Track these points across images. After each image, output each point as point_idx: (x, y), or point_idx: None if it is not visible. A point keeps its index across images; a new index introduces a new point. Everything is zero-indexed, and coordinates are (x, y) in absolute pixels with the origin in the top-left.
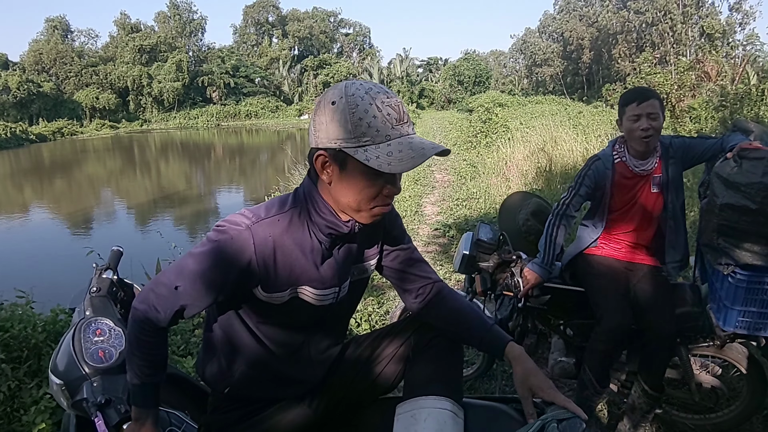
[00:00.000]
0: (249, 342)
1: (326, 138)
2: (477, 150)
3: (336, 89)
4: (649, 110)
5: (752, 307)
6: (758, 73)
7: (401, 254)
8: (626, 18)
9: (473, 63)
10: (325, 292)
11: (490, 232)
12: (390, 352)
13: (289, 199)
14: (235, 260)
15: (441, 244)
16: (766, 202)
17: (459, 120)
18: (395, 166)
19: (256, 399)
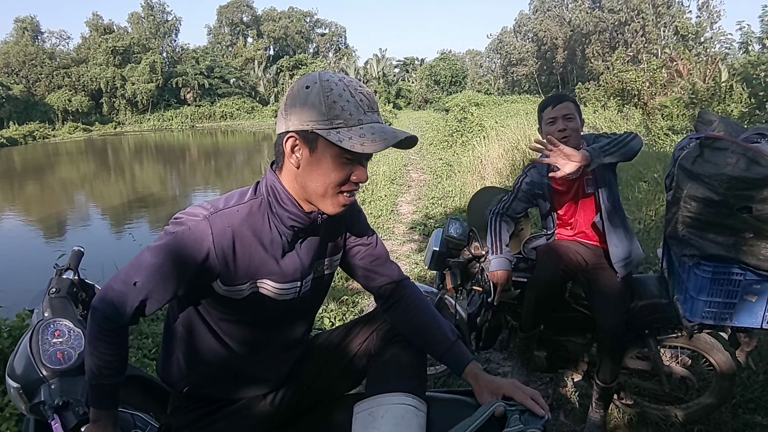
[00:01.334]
0: (209, 340)
1: (298, 120)
2: (453, 149)
3: (310, 76)
4: (564, 112)
5: (717, 297)
6: (729, 70)
7: (363, 250)
8: (600, 17)
9: (449, 63)
10: (286, 287)
11: (460, 228)
12: (354, 348)
13: (249, 190)
14: (193, 251)
15: (416, 242)
16: (729, 194)
17: (435, 120)
18: (368, 147)
19: (216, 398)
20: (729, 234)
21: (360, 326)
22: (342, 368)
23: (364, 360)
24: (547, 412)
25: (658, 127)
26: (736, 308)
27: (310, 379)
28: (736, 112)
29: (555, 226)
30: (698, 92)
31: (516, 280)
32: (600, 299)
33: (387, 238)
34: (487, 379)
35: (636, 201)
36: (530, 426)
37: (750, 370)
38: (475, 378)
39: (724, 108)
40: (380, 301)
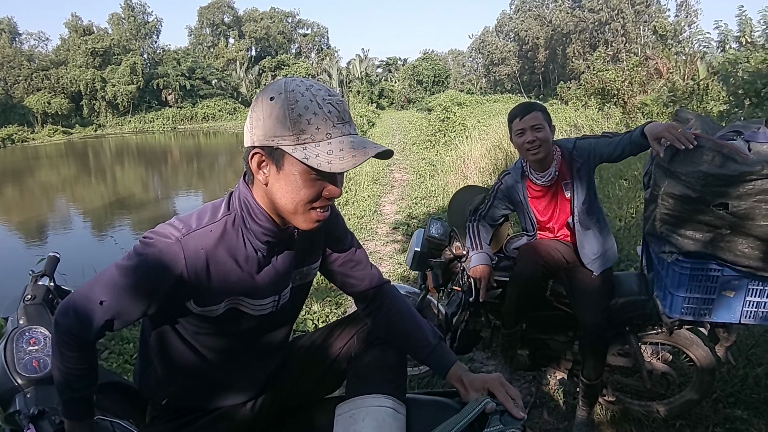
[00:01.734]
0: (185, 352)
1: (263, 135)
2: (436, 149)
3: (275, 85)
4: (532, 123)
5: (696, 293)
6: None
7: (342, 255)
8: (580, 17)
9: (432, 63)
10: (264, 302)
11: (441, 228)
12: (335, 350)
13: (222, 205)
14: (164, 275)
15: (400, 242)
16: (706, 191)
17: (418, 119)
18: (335, 165)
19: (195, 408)
20: (706, 230)
21: (340, 329)
22: (323, 371)
23: (344, 363)
24: (524, 414)
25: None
26: (715, 304)
27: (290, 383)
28: (715, 110)
29: (535, 229)
30: (678, 90)
31: (498, 279)
32: (580, 297)
33: (370, 239)
34: (472, 377)
35: (617, 199)
36: (510, 426)
37: (730, 365)
38: (459, 379)
39: (704, 106)
40: (361, 306)
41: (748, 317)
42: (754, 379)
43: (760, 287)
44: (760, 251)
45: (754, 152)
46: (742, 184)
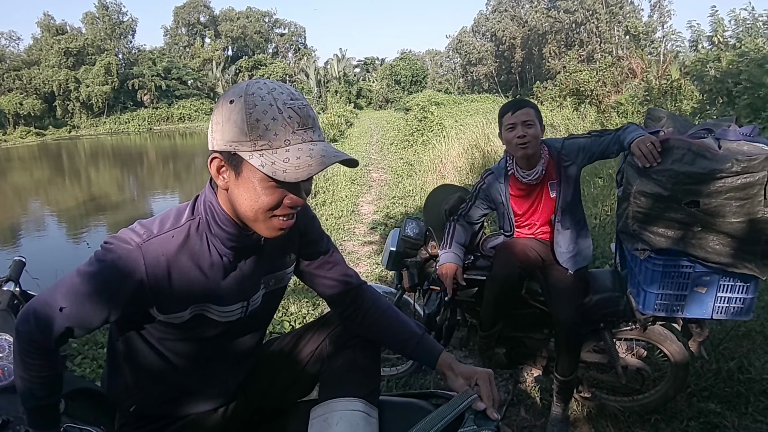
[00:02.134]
0: (153, 358)
1: (221, 140)
2: (414, 148)
3: (237, 87)
4: (524, 118)
5: (668, 290)
6: (680, 68)
7: (319, 259)
8: (556, 17)
9: (410, 63)
10: (231, 309)
11: (417, 227)
12: (307, 354)
13: (186, 210)
14: (124, 282)
15: (377, 242)
16: (677, 189)
17: (396, 119)
18: (290, 174)
19: (165, 415)
20: (678, 228)
21: (312, 331)
22: (295, 375)
23: (317, 366)
24: (498, 416)
25: (613, 125)
26: (687, 300)
27: (262, 387)
28: (688, 108)
29: (513, 228)
30: (652, 90)
31: (474, 278)
32: (555, 294)
33: (348, 239)
34: (462, 366)
35: (592, 197)
36: (484, 427)
37: (703, 359)
38: (450, 367)
39: (678, 105)
40: (339, 309)
41: (719, 312)
42: (727, 372)
43: (730, 283)
44: (730, 248)
45: (724, 150)
46: (712, 181)
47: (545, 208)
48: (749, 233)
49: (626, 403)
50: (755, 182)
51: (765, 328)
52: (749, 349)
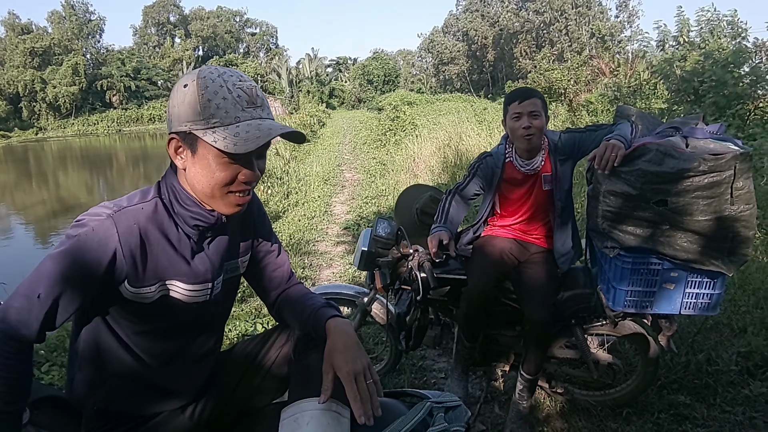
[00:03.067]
0: (118, 353)
1: (177, 121)
2: (386, 148)
3: (191, 73)
4: (531, 108)
5: (638, 286)
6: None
7: (266, 254)
8: (526, 18)
9: (382, 62)
10: (198, 288)
11: (388, 227)
12: (272, 355)
13: (151, 189)
14: (99, 253)
15: (350, 242)
16: (645, 188)
17: (369, 119)
18: (240, 146)
19: (130, 414)
20: (646, 226)
21: (277, 333)
22: (262, 377)
23: (284, 367)
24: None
25: (583, 123)
26: (656, 296)
27: (229, 390)
28: (656, 107)
29: (490, 215)
30: (622, 89)
31: (446, 277)
32: (529, 293)
33: (321, 240)
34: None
35: None
36: (454, 425)
37: (672, 353)
38: (331, 333)
39: (647, 104)
40: (273, 312)
41: (687, 308)
42: (696, 365)
43: (698, 279)
44: (698, 245)
45: (691, 148)
46: (680, 180)
47: (536, 201)
48: (716, 231)
49: (598, 398)
50: (722, 181)
51: (732, 321)
52: (717, 341)
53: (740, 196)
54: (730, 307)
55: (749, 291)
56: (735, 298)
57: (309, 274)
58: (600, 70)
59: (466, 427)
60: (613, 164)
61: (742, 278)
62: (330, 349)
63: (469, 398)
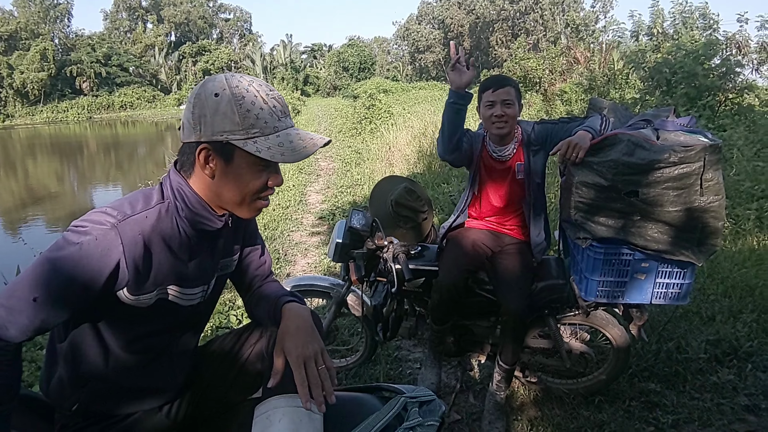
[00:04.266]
0: (100, 354)
1: (210, 131)
2: (362, 136)
3: (216, 81)
4: (504, 97)
5: (609, 277)
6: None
7: (251, 252)
8: (501, 6)
9: (357, 50)
10: (194, 291)
11: (363, 218)
12: (246, 352)
13: (154, 193)
14: (102, 263)
15: (326, 233)
16: (617, 179)
17: (344, 107)
18: (288, 156)
19: (108, 414)
20: (618, 217)
21: (251, 330)
22: (235, 373)
23: (258, 364)
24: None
25: (558, 113)
26: (627, 286)
27: (204, 387)
28: (629, 97)
29: (469, 204)
30: (596, 78)
31: (421, 268)
32: (505, 284)
33: (296, 230)
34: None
35: None
36: (429, 419)
37: (643, 342)
38: (284, 317)
39: (621, 93)
40: (243, 294)
41: (658, 297)
42: (666, 353)
43: (668, 269)
44: (668, 236)
45: (662, 140)
46: (651, 172)
47: (510, 190)
48: (686, 222)
49: (571, 386)
50: (692, 172)
51: (701, 310)
52: (686, 330)
53: (710, 187)
54: (699, 296)
55: (718, 280)
56: (704, 287)
57: (284, 264)
58: (575, 59)
59: (441, 422)
60: (573, 158)
61: (711, 267)
62: (282, 332)
63: (444, 388)
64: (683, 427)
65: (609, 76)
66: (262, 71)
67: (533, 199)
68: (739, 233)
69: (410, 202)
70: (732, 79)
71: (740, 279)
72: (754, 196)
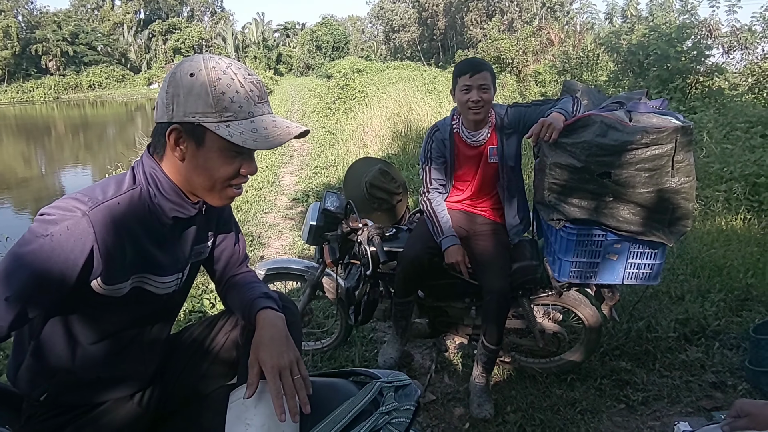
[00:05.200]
0: (67, 344)
1: (183, 112)
2: (336, 116)
3: (193, 61)
4: (480, 82)
5: (582, 257)
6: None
7: (225, 238)
8: None
9: (331, 28)
10: (168, 279)
11: (337, 201)
12: (220, 339)
13: (126, 178)
14: (75, 254)
15: (299, 213)
16: (590, 160)
17: (318, 86)
18: (261, 143)
19: (77, 404)
20: (591, 198)
21: (225, 318)
22: (210, 361)
23: (232, 351)
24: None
25: (531, 94)
26: (599, 267)
27: (177, 375)
28: (603, 78)
29: (448, 189)
30: (570, 59)
31: (395, 250)
32: (485, 264)
33: (269, 211)
34: (263, 336)
35: None
36: (404, 403)
37: (614, 321)
38: (259, 326)
39: (594, 75)
40: (220, 295)
41: (629, 278)
42: (636, 332)
43: (639, 250)
44: (640, 217)
45: (634, 122)
46: (623, 153)
47: (483, 173)
48: (657, 203)
49: (544, 365)
50: (663, 154)
51: (671, 289)
52: (656, 309)
53: (681, 168)
54: (669, 276)
55: (687, 260)
56: (674, 267)
57: (258, 246)
58: (549, 40)
59: (417, 406)
60: (546, 138)
61: (681, 248)
62: (256, 342)
63: (420, 369)
64: (653, 404)
65: (582, 58)
66: (233, 50)
67: (507, 182)
68: (708, 214)
69: (385, 184)
70: (703, 62)
71: (709, 259)
72: (722, 178)
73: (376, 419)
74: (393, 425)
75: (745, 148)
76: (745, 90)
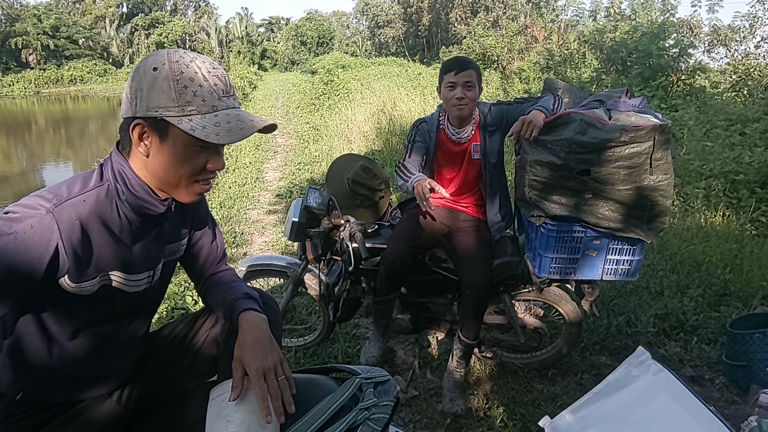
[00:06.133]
0: (42, 342)
1: (145, 106)
2: (320, 112)
3: (158, 55)
4: (466, 79)
5: (562, 254)
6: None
7: (202, 236)
8: None
9: (316, 23)
10: (139, 277)
11: (320, 197)
12: (201, 337)
13: (93, 176)
14: (40, 251)
15: (283, 210)
16: (570, 158)
17: (302, 82)
18: (223, 137)
19: (54, 402)
20: (571, 195)
21: (206, 315)
22: (191, 359)
23: (213, 349)
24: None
25: (515, 91)
26: (579, 263)
27: (156, 373)
28: (586, 75)
29: None
30: (554, 57)
31: (377, 246)
32: (466, 259)
33: (252, 207)
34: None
35: None
36: (383, 399)
37: (594, 317)
38: (242, 329)
39: (578, 72)
40: (200, 293)
41: (608, 274)
42: (616, 327)
43: (618, 246)
44: (619, 213)
45: (614, 120)
46: (602, 151)
47: (466, 170)
48: (636, 200)
49: (525, 360)
50: (642, 152)
51: (650, 285)
52: (636, 304)
53: (659, 166)
54: (648, 272)
55: (667, 256)
56: (654, 263)
57: (240, 243)
58: (534, 38)
59: (395, 401)
60: (527, 135)
61: (661, 244)
62: (240, 344)
63: (402, 364)
64: None
65: (566, 55)
66: (217, 44)
67: (489, 179)
68: (687, 211)
69: (367, 181)
70: (685, 60)
71: (688, 255)
72: (702, 175)
73: (356, 415)
74: (372, 421)
75: (725, 145)
76: (726, 88)
